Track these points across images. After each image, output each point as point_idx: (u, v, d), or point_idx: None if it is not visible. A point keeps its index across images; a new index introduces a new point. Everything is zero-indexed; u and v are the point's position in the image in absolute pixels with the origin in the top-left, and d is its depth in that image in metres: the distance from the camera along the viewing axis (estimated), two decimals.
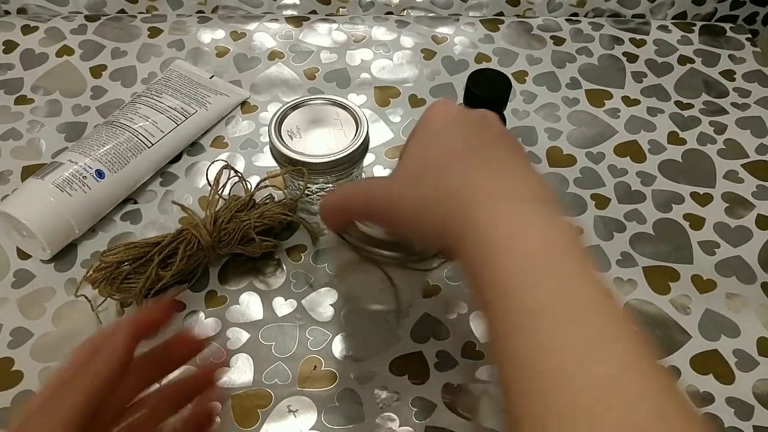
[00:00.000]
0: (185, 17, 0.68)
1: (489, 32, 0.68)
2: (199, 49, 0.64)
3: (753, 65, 0.66)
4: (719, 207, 0.54)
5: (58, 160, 0.48)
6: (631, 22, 0.70)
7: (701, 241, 0.51)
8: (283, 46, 0.65)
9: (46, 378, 0.42)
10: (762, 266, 0.50)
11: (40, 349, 0.43)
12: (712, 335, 0.46)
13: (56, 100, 0.59)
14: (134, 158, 0.50)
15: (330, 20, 0.68)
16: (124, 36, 0.65)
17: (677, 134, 0.59)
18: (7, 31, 0.65)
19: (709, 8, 0.70)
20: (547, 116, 0.60)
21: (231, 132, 0.58)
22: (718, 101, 0.62)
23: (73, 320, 0.45)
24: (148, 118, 0.53)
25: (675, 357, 0.45)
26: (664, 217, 0.53)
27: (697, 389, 0.43)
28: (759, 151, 0.58)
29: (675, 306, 0.47)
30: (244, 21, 0.68)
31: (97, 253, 0.48)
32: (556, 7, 0.69)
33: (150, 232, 0.50)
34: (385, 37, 0.67)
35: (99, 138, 0.50)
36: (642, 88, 0.63)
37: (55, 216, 0.46)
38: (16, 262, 0.48)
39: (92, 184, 0.48)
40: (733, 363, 0.45)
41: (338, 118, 0.48)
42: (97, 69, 0.62)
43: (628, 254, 0.50)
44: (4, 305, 0.46)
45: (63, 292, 0.46)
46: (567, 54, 0.66)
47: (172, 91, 0.56)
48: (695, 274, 0.49)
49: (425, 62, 0.65)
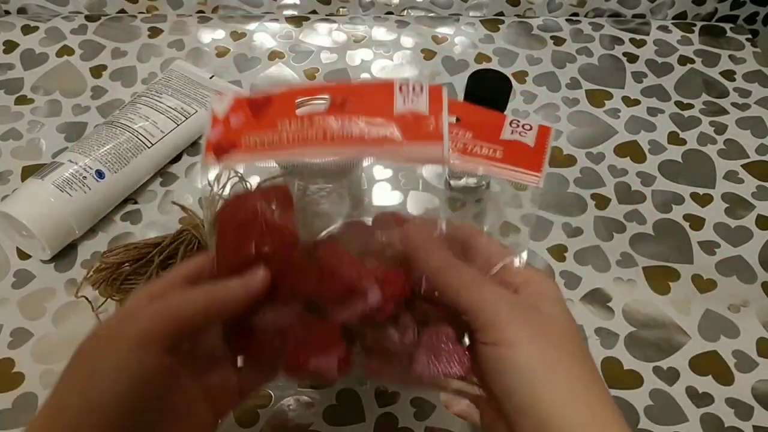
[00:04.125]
0: (185, 17, 0.68)
1: (489, 32, 0.68)
2: (199, 49, 0.64)
3: (753, 65, 0.66)
4: (719, 207, 0.54)
5: (58, 160, 0.48)
6: (632, 22, 0.70)
7: (701, 241, 0.51)
8: (283, 46, 0.65)
9: (47, 381, 0.42)
10: (762, 266, 0.50)
11: (41, 349, 0.43)
12: (711, 336, 0.46)
13: (56, 100, 0.59)
14: (134, 158, 0.50)
15: (330, 20, 0.68)
16: (124, 36, 0.65)
17: (677, 134, 0.59)
18: (7, 31, 0.65)
19: (709, 8, 0.70)
20: (547, 116, 0.60)
21: None
22: (719, 101, 0.62)
23: (74, 321, 0.45)
24: (148, 118, 0.53)
25: (675, 358, 0.45)
26: (664, 217, 0.53)
27: (696, 390, 0.43)
28: (759, 151, 0.58)
29: (675, 306, 0.48)
30: (244, 21, 0.68)
31: (97, 254, 0.48)
32: (556, 7, 0.69)
33: (150, 232, 0.50)
34: (385, 37, 0.67)
35: (99, 138, 0.50)
36: (642, 88, 0.63)
37: (55, 216, 0.46)
38: (16, 262, 0.48)
39: (92, 184, 0.48)
40: (732, 364, 0.45)
41: None
42: (97, 69, 0.62)
43: (628, 254, 0.50)
44: (4, 305, 0.46)
45: (63, 292, 0.46)
46: (567, 54, 0.66)
47: (172, 91, 0.56)
48: (695, 274, 0.49)
49: (425, 62, 0.64)
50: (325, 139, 0.27)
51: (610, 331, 0.46)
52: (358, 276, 0.29)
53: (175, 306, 0.27)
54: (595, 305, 0.47)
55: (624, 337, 0.46)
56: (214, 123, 0.30)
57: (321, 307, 0.30)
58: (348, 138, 0.27)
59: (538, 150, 0.30)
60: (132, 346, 0.25)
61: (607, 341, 0.46)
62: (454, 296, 0.28)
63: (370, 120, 0.27)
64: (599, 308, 0.47)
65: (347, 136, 0.27)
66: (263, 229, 0.30)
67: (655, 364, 0.45)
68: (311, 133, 0.28)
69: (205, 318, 0.28)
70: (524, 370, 0.25)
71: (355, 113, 0.28)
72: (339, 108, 0.28)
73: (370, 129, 0.27)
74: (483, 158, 0.30)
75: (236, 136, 0.29)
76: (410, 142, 0.27)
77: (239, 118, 0.29)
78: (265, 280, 0.29)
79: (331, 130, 0.27)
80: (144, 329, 0.26)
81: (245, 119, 0.29)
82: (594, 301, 0.48)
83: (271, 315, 0.30)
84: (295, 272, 0.30)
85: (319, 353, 0.29)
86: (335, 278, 0.29)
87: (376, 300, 0.28)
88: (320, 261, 0.30)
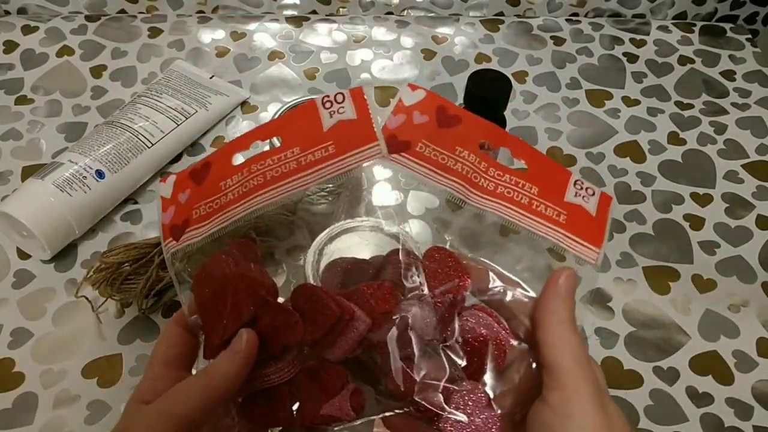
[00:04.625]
0: (185, 17, 0.68)
1: (489, 32, 0.68)
2: (199, 49, 0.64)
3: (753, 65, 0.66)
4: (719, 207, 0.54)
5: (58, 160, 0.48)
6: (631, 22, 0.70)
7: (701, 241, 0.51)
8: (283, 46, 0.65)
9: (47, 381, 0.42)
10: (762, 266, 0.50)
11: (41, 349, 0.43)
12: (711, 336, 0.46)
13: (56, 100, 0.59)
14: (134, 158, 0.50)
15: (330, 20, 0.68)
16: (124, 36, 0.65)
17: (677, 134, 0.59)
18: (8, 31, 0.65)
19: (709, 8, 0.70)
20: (547, 116, 0.60)
21: (231, 132, 0.58)
22: (719, 101, 0.62)
23: (74, 321, 0.45)
24: (148, 118, 0.53)
25: (675, 357, 0.45)
26: (664, 217, 0.53)
27: (696, 390, 0.43)
28: (759, 151, 0.58)
29: (675, 306, 0.48)
30: (244, 21, 0.68)
31: (97, 254, 0.48)
32: (556, 7, 0.69)
33: (150, 232, 0.50)
34: (385, 37, 0.67)
35: (99, 138, 0.50)
36: (642, 88, 0.63)
37: (55, 216, 0.46)
38: (16, 262, 0.48)
39: (92, 184, 0.48)
40: (732, 364, 0.45)
41: None
42: (97, 69, 0.62)
43: (628, 254, 0.50)
44: (4, 305, 0.46)
45: (63, 292, 0.46)
46: (567, 54, 0.66)
47: (172, 91, 0.56)
48: (695, 274, 0.49)
49: (425, 62, 0.64)
50: (266, 183, 0.27)
51: (610, 331, 0.46)
52: (337, 307, 0.28)
53: (174, 405, 0.27)
54: (595, 305, 0.47)
55: (624, 337, 0.46)
56: (165, 206, 0.30)
57: (317, 352, 0.29)
58: (286, 173, 0.27)
59: (600, 221, 0.29)
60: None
61: (607, 341, 0.46)
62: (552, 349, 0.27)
63: (305, 145, 0.27)
64: (599, 308, 0.47)
65: (285, 171, 0.27)
66: (238, 291, 0.28)
67: (655, 364, 0.45)
68: (251, 182, 0.28)
69: (206, 408, 0.27)
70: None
71: (289, 145, 0.28)
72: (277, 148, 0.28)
73: (306, 156, 0.27)
74: (546, 220, 0.29)
75: (187, 212, 0.29)
76: (345, 153, 0.27)
77: (186, 193, 0.29)
78: (249, 342, 0.27)
79: (270, 171, 0.27)
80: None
81: (191, 192, 0.29)
82: (594, 301, 0.48)
83: (274, 375, 0.29)
84: (280, 325, 0.28)
85: (330, 399, 0.28)
86: (317, 319, 0.28)
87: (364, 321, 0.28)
88: (297, 307, 0.28)
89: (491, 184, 0.29)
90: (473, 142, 0.29)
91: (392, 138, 0.28)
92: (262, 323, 0.28)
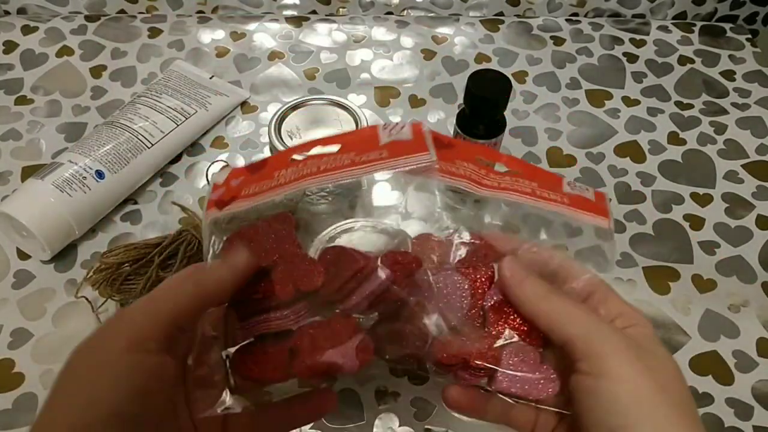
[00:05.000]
0: (185, 17, 0.68)
1: (489, 32, 0.68)
2: (199, 49, 0.64)
3: (753, 65, 0.66)
4: (719, 207, 0.54)
5: (58, 160, 0.48)
6: (631, 22, 0.70)
7: (701, 241, 0.51)
8: (283, 46, 0.65)
9: (47, 381, 0.42)
10: (762, 266, 0.50)
11: (41, 350, 0.43)
12: (711, 336, 0.46)
13: (56, 100, 0.59)
14: (134, 159, 0.50)
15: (330, 20, 0.68)
16: (124, 36, 0.65)
17: (677, 134, 0.59)
18: (7, 31, 0.65)
19: (709, 8, 0.70)
20: (547, 116, 0.60)
21: (231, 132, 0.58)
22: (718, 101, 0.62)
23: (74, 321, 0.45)
24: (148, 118, 0.53)
25: (674, 358, 0.45)
26: (664, 217, 0.53)
27: (696, 390, 0.43)
28: (759, 151, 0.58)
29: (675, 306, 0.48)
30: (244, 21, 0.68)
31: (97, 254, 0.48)
32: (556, 7, 0.69)
33: (150, 232, 0.50)
34: (385, 37, 0.67)
35: (99, 138, 0.50)
36: (642, 88, 0.63)
37: (55, 216, 0.46)
38: (16, 263, 0.48)
39: (92, 184, 0.47)
40: (732, 364, 0.45)
41: (338, 119, 0.48)
42: (97, 69, 0.62)
43: (628, 254, 0.50)
44: (4, 306, 0.46)
45: (63, 292, 0.46)
46: (567, 54, 0.66)
47: (172, 91, 0.56)
48: (695, 274, 0.49)
49: (425, 62, 0.64)
50: (318, 172, 0.29)
51: None
52: (363, 259, 0.29)
53: (163, 300, 0.27)
54: None
55: None
56: (214, 189, 0.31)
57: (331, 302, 0.30)
58: (339, 166, 0.29)
59: (599, 203, 0.32)
60: (124, 348, 0.25)
61: None
62: (555, 325, 0.28)
63: (361, 150, 0.29)
64: None
65: (339, 164, 0.29)
66: (269, 241, 0.31)
67: None
68: (305, 171, 0.29)
69: (194, 310, 0.27)
70: (626, 406, 0.25)
71: (345, 150, 0.29)
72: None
73: (360, 156, 0.29)
74: (552, 202, 0.31)
75: (236, 192, 0.30)
76: (398, 156, 0.28)
77: (238, 179, 0.31)
78: (249, 257, 0.29)
79: (324, 165, 0.29)
80: (136, 329, 0.26)
81: (244, 179, 0.31)
82: None
83: (276, 320, 0.29)
84: (301, 271, 0.30)
85: (336, 346, 0.28)
86: (341, 271, 0.29)
87: (384, 276, 0.29)
88: (324, 258, 0.30)
89: (494, 183, 0.31)
90: (469, 159, 0.31)
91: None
92: (279, 269, 0.30)
